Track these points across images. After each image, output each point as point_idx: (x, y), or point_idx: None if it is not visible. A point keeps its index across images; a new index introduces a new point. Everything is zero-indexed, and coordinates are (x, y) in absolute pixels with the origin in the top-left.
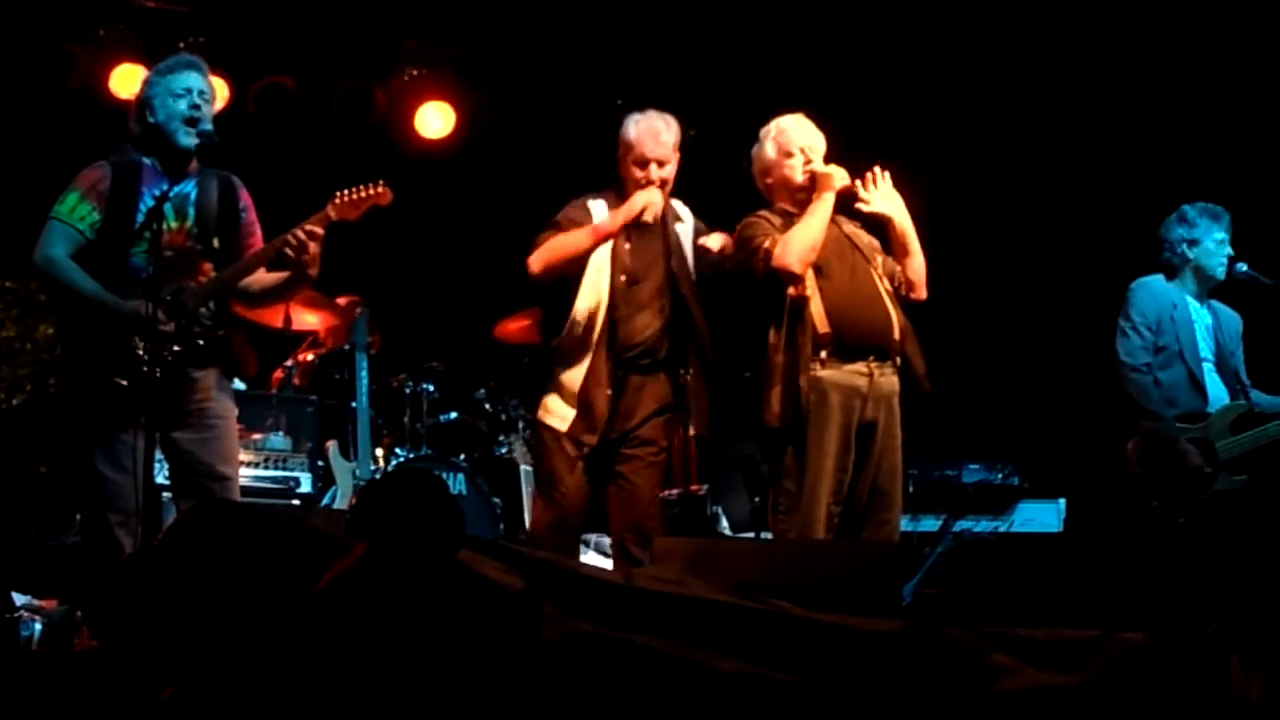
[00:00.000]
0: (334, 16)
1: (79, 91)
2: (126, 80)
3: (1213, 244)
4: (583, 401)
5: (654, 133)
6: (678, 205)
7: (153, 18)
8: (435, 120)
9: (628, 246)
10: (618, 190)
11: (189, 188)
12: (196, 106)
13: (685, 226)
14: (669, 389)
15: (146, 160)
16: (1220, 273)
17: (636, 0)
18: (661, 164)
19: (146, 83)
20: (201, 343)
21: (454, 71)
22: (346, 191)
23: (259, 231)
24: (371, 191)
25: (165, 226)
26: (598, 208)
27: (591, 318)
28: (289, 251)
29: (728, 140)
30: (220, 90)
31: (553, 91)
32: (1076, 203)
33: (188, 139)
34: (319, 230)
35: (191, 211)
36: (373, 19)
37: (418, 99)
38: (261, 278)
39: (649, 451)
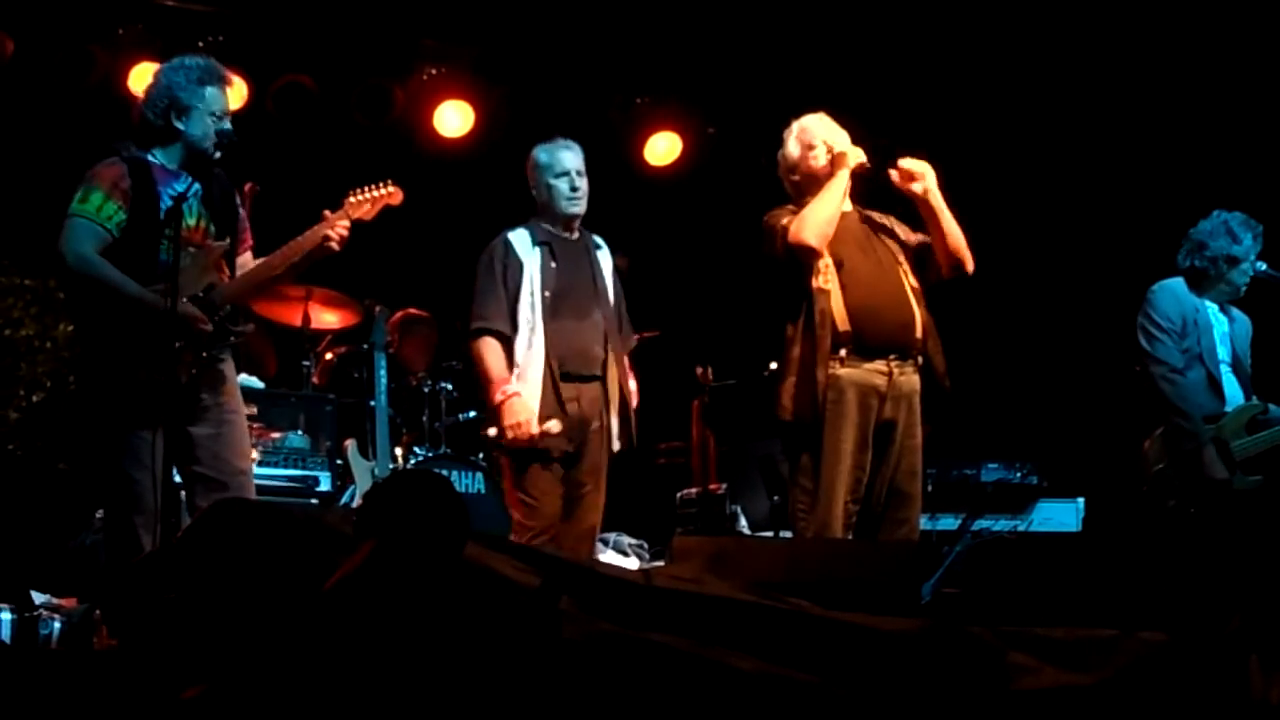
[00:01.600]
0: (352, 15)
1: (97, 90)
2: (144, 79)
3: (1248, 264)
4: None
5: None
6: (595, 236)
7: (171, 16)
8: (454, 119)
9: (554, 265)
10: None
11: (196, 185)
12: (223, 132)
13: (604, 253)
14: (601, 401)
15: (153, 157)
16: (1244, 290)
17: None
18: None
19: (174, 85)
20: (233, 339)
21: (473, 70)
22: (359, 191)
23: (249, 227)
24: (383, 191)
25: (185, 226)
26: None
27: (531, 333)
28: (333, 246)
29: (746, 138)
30: (239, 89)
31: (571, 89)
32: (1094, 203)
33: (217, 153)
34: (347, 224)
35: (202, 209)
36: (391, 18)
37: (436, 98)
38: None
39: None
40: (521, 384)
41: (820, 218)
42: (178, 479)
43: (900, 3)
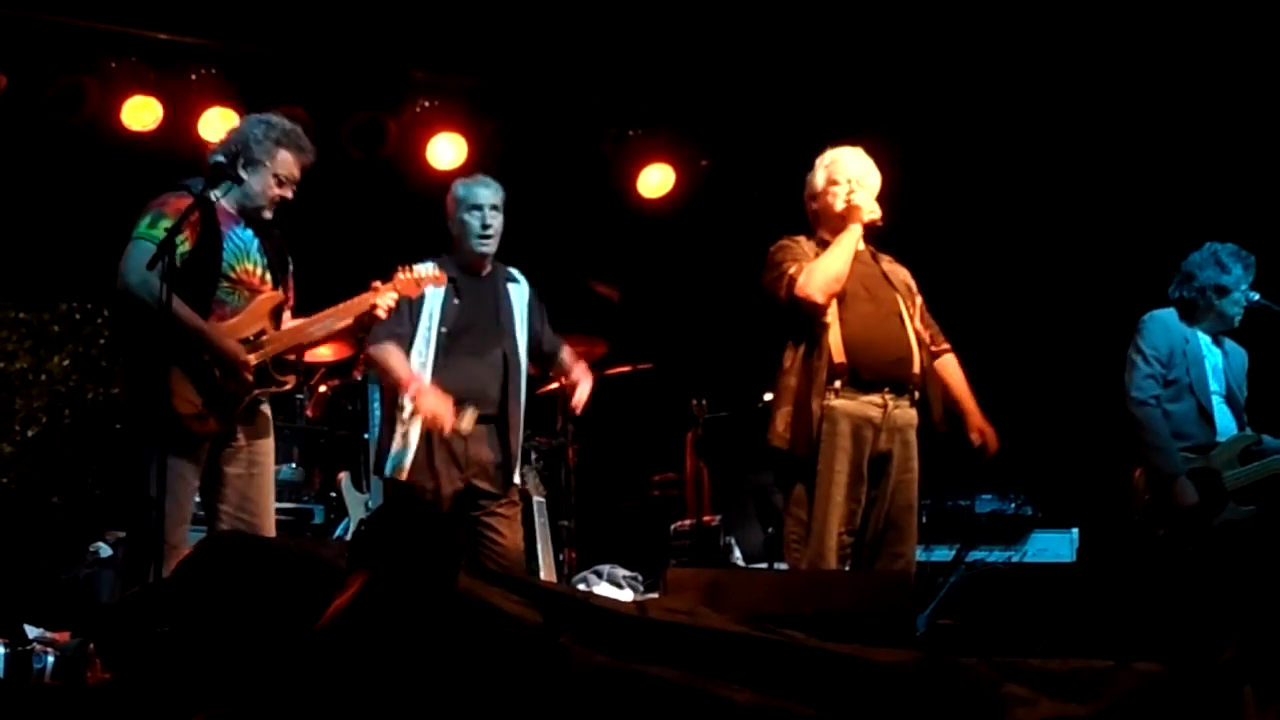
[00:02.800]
0: (345, 48)
1: (89, 125)
2: (138, 112)
3: (1239, 294)
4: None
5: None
6: (513, 269)
7: (164, 49)
8: (447, 151)
9: (456, 302)
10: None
11: (250, 231)
12: (290, 196)
13: (519, 288)
14: (495, 444)
15: (218, 197)
16: (1237, 321)
17: (648, 30)
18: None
19: (251, 136)
20: (276, 388)
21: (466, 102)
22: (408, 268)
23: (293, 286)
24: (429, 274)
25: (244, 268)
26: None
27: (421, 369)
28: (380, 314)
29: (739, 171)
30: (232, 122)
31: (564, 122)
32: (1088, 235)
33: (268, 214)
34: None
35: (260, 257)
36: (384, 50)
37: (429, 130)
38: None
39: (501, 504)
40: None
41: (829, 274)
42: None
43: (894, 36)
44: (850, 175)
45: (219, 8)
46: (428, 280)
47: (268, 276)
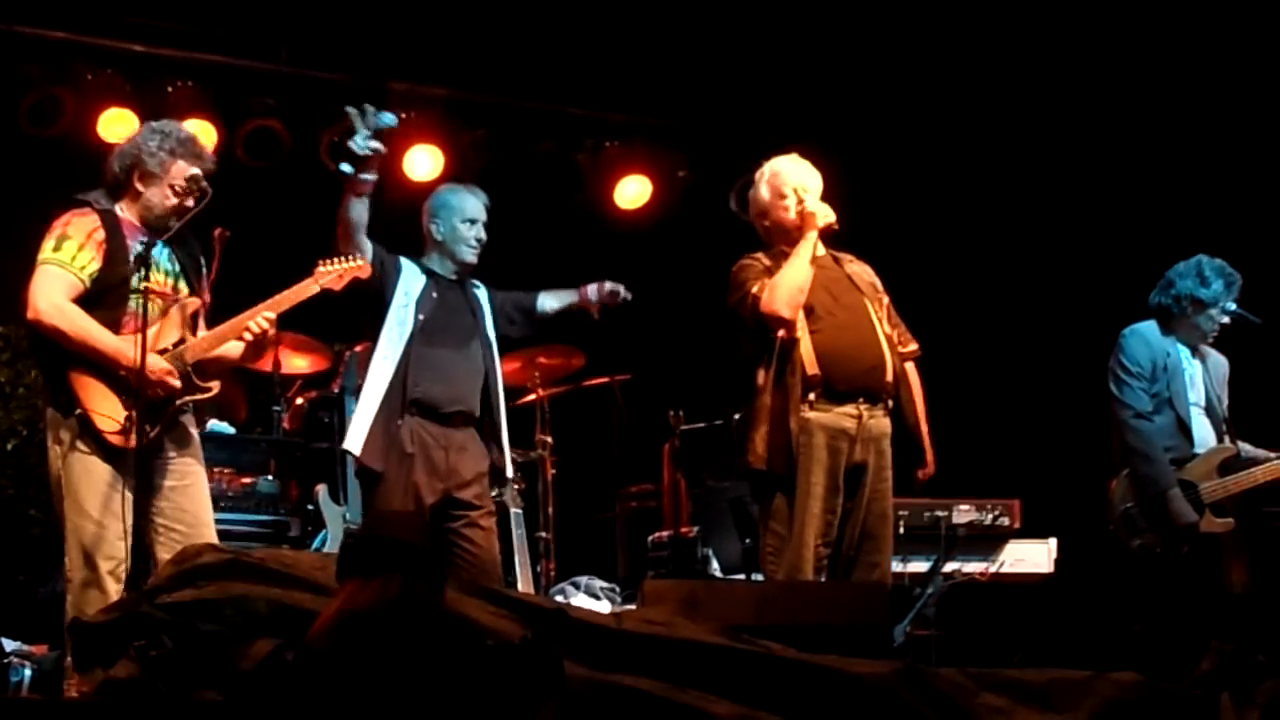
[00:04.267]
0: (321, 60)
1: (65, 137)
2: (114, 124)
3: (1217, 310)
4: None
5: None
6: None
7: (140, 62)
8: (424, 162)
9: (435, 295)
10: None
11: (161, 243)
12: (198, 200)
13: (483, 294)
14: (483, 448)
15: (120, 210)
16: (1211, 337)
17: (624, 42)
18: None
19: (144, 148)
20: (200, 395)
21: (443, 113)
22: (328, 261)
23: (207, 283)
24: (353, 263)
25: (154, 280)
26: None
27: (389, 345)
28: (247, 335)
29: (717, 182)
30: (208, 135)
31: (541, 133)
32: (1069, 245)
33: (174, 223)
34: (271, 317)
35: (170, 265)
36: (360, 62)
37: (406, 141)
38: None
39: (479, 514)
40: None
41: (791, 287)
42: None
43: (872, 43)
44: (794, 184)
45: (195, 20)
46: (351, 272)
47: (181, 285)
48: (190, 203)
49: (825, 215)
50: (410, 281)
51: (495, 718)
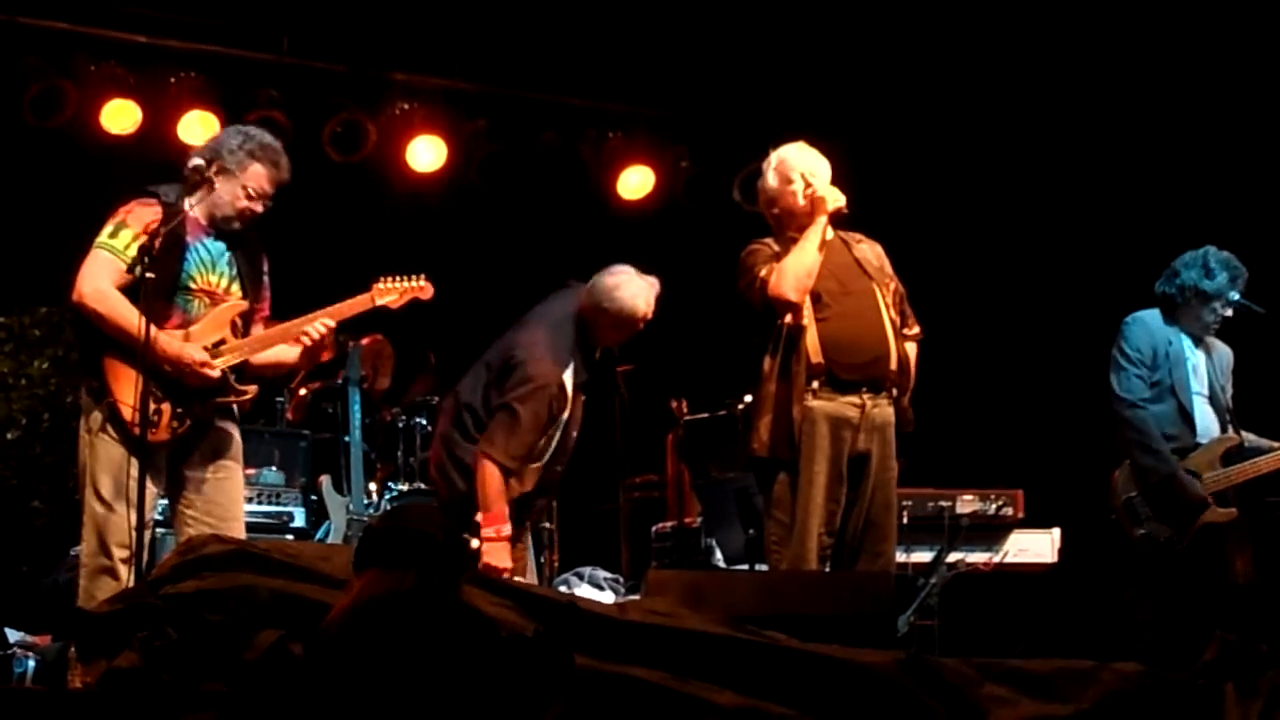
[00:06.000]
0: (324, 51)
1: (69, 128)
2: (117, 115)
3: (1221, 303)
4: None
5: None
6: None
7: (144, 53)
8: (427, 154)
9: (580, 401)
10: None
11: (222, 242)
12: (260, 211)
13: None
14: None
15: (191, 205)
16: (1213, 329)
17: (627, 32)
18: None
19: (226, 145)
20: (235, 396)
21: (445, 105)
22: (389, 279)
23: (269, 293)
24: (416, 283)
25: (207, 280)
26: None
27: (538, 468)
28: (306, 340)
29: (719, 172)
30: (211, 125)
31: (544, 124)
32: (1071, 234)
33: (235, 225)
34: (331, 324)
35: (228, 268)
36: (363, 52)
37: (409, 133)
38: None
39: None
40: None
41: (800, 271)
42: (158, 516)
43: (872, 30)
44: (801, 170)
45: (198, 11)
46: (410, 292)
47: (234, 288)
48: (259, 208)
49: (835, 199)
50: (567, 411)
51: (507, 710)
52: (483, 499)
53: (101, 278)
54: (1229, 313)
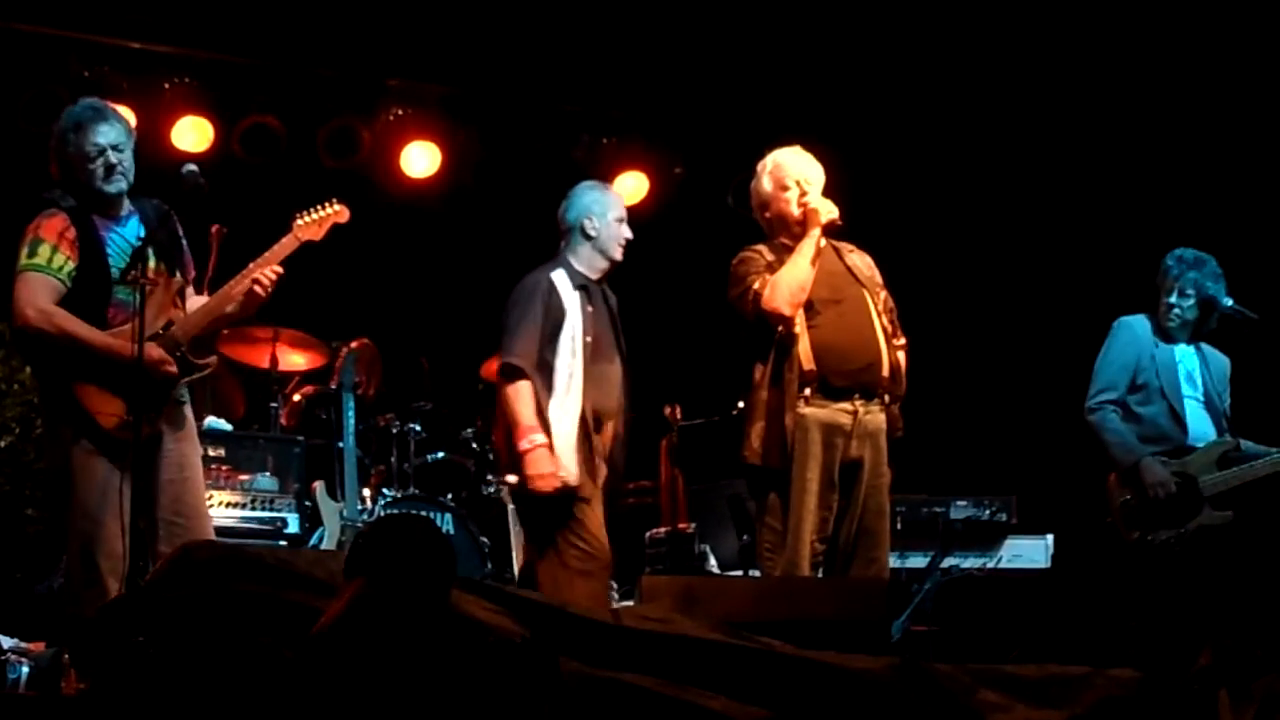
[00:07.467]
0: (319, 56)
1: None
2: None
3: (1173, 296)
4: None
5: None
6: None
7: (137, 59)
8: (421, 159)
9: (590, 309)
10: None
11: (135, 221)
12: (111, 165)
13: (613, 300)
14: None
15: (82, 203)
16: (1178, 322)
17: (620, 38)
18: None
19: (63, 139)
20: (198, 374)
21: (439, 110)
22: (305, 212)
23: (190, 258)
24: (330, 210)
25: (137, 265)
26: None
27: (569, 380)
28: (259, 290)
29: (713, 178)
30: (205, 131)
31: (538, 130)
32: (1063, 240)
33: (115, 186)
34: (280, 269)
35: (149, 246)
36: (358, 58)
37: (403, 138)
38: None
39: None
40: (554, 432)
41: (794, 285)
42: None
43: (865, 37)
44: (796, 176)
45: (191, 16)
46: (329, 219)
47: (160, 264)
48: (114, 159)
49: (829, 211)
50: (571, 308)
51: (494, 716)
52: (511, 417)
53: (40, 297)
54: (1181, 307)
